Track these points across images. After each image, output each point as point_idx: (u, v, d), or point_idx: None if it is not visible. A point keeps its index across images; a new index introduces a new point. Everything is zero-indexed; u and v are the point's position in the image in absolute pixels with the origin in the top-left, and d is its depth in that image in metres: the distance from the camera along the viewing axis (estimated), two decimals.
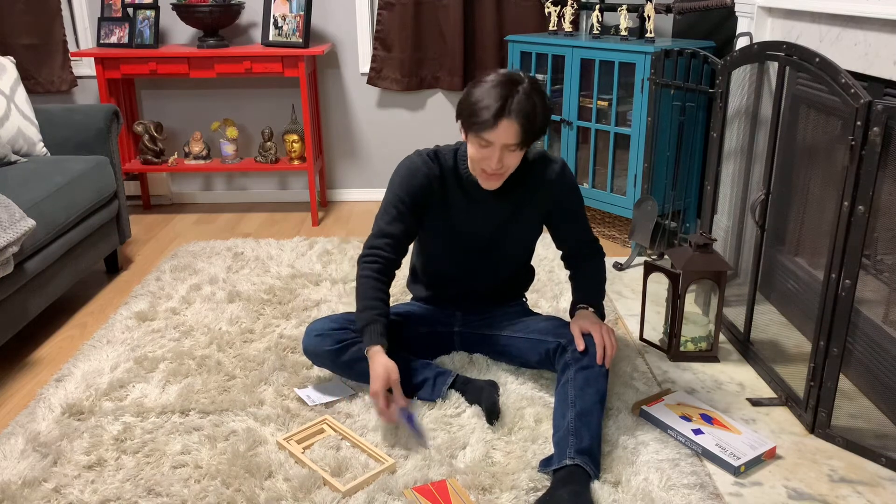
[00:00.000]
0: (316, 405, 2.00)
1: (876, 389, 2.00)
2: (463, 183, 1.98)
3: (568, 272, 2.15)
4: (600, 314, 2.01)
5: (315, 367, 2.17)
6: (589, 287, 2.06)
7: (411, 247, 2.12)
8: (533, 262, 2.27)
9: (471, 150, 1.84)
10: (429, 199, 1.98)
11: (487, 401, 1.93)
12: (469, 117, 1.78)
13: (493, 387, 2.00)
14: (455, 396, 2.00)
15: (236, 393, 2.07)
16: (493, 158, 1.80)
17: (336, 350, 1.99)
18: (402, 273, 2.38)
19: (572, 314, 2.01)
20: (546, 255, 3.06)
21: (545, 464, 1.73)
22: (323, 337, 2.00)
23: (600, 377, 1.85)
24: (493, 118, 1.73)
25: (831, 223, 1.80)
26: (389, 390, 1.83)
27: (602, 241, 3.35)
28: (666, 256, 2.94)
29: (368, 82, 3.74)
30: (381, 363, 1.82)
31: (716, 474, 1.75)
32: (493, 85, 1.76)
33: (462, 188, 1.99)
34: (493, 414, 1.91)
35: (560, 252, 2.15)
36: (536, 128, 1.79)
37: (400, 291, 2.72)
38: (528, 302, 2.29)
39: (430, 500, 1.63)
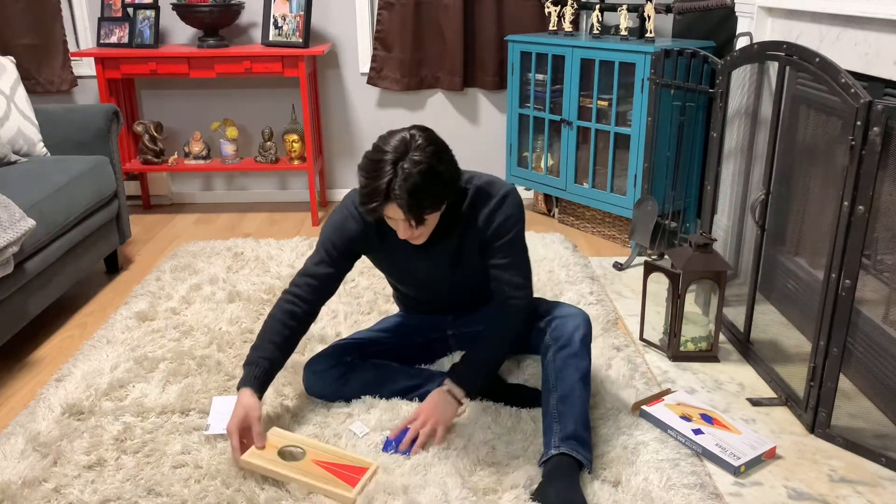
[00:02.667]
0: (365, 434, 1.89)
1: (876, 389, 2.00)
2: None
3: None
4: (465, 389, 1.85)
5: None
6: (473, 357, 1.89)
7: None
8: (533, 263, 2.26)
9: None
10: (366, 247, 1.92)
11: (521, 392, 1.97)
12: (360, 201, 1.70)
13: (500, 379, 2.04)
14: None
15: (236, 393, 2.06)
16: (399, 229, 1.74)
17: (337, 387, 1.99)
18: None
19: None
20: (546, 254, 3.06)
21: (541, 457, 1.74)
22: (321, 374, 1.99)
23: (579, 355, 1.82)
24: (378, 206, 1.66)
25: (831, 223, 1.80)
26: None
27: (602, 241, 3.35)
28: (666, 256, 2.94)
29: (368, 82, 3.74)
30: (241, 404, 1.77)
31: (716, 474, 1.75)
32: (379, 164, 1.65)
33: (397, 236, 1.85)
34: (537, 399, 1.93)
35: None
36: (425, 203, 1.66)
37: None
38: None
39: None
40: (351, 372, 1.99)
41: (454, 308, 2.12)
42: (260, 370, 1.82)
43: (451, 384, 1.86)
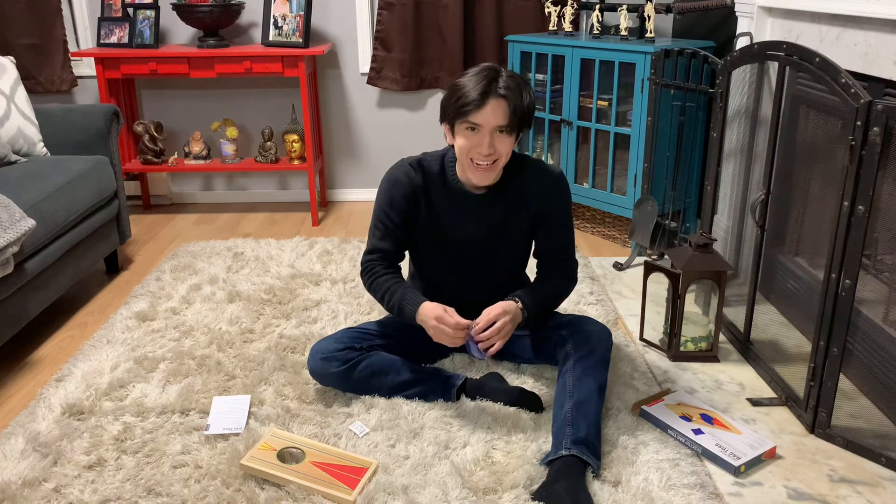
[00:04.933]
0: (365, 434, 1.90)
1: (876, 389, 2.00)
2: (450, 189, 1.97)
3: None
4: (525, 315, 1.93)
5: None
6: (534, 291, 1.98)
7: (407, 259, 2.12)
8: (532, 263, 2.26)
9: (460, 141, 1.84)
10: (414, 209, 1.98)
11: (522, 395, 1.97)
12: (455, 103, 1.80)
13: (502, 380, 2.04)
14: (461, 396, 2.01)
15: (236, 393, 2.07)
16: (483, 143, 1.80)
17: (344, 371, 1.97)
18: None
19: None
20: None
21: (546, 457, 1.74)
22: (329, 360, 1.97)
23: (599, 367, 1.86)
24: (479, 97, 1.76)
25: (831, 223, 1.80)
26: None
27: (602, 241, 3.36)
28: (666, 256, 2.94)
29: (368, 82, 3.74)
30: (428, 312, 1.86)
31: (716, 474, 1.75)
32: (475, 73, 1.81)
33: (449, 194, 1.98)
34: (537, 404, 1.95)
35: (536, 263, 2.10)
36: (524, 107, 1.80)
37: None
38: None
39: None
40: (360, 358, 1.98)
41: (470, 310, 2.07)
42: (410, 292, 1.93)
43: (519, 304, 1.92)
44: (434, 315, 1.84)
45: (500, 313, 1.86)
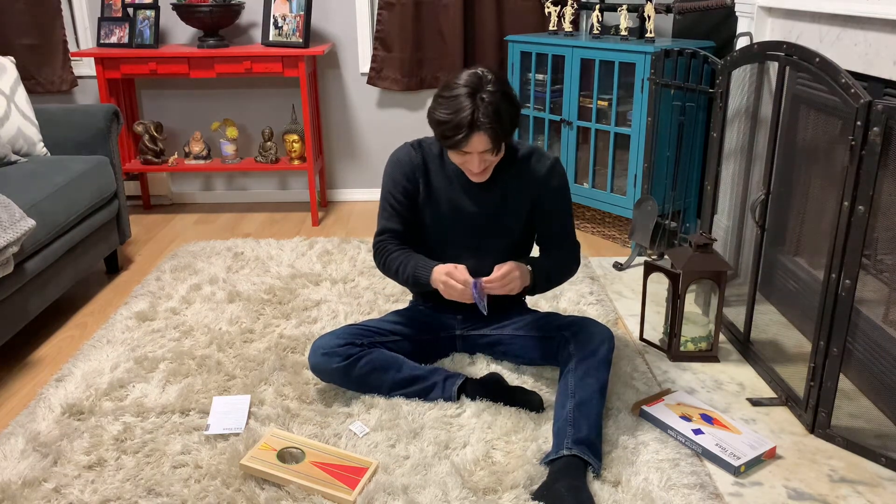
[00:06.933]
0: (365, 434, 1.90)
1: (876, 389, 2.00)
2: (448, 171, 2.02)
3: None
4: (533, 281, 1.98)
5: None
6: (539, 261, 2.03)
7: None
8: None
9: (450, 155, 1.89)
10: (415, 187, 2.02)
11: (522, 395, 1.98)
12: (441, 138, 1.82)
13: (502, 380, 2.04)
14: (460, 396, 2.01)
15: (236, 393, 2.07)
16: (474, 163, 1.85)
17: (345, 366, 1.96)
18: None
19: None
20: None
21: (547, 456, 1.74)
22: (330, 355, 1.96)
23: (601, 368, 1.87)
24: (463, 138, 1.77)
25: (831, 223, 1.80)
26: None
27: (602, 241, 3.36)
28: (666, 256, 2.94)
29: (368, 82, 3.74)
30: (440, 271, 1.90)
31: (716, 474, 1.75)
32: (458, 99, 1.77)
33: (447, 176, 2.02)
34: (537, 404, 1.96)
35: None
36: (507, 129, 1.81)
37: (401, 291, 2.73)
38: (526, 302, 2.29)
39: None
40: (361, 354, 1.98)
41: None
42: (423, 260, 1.98)
43: (528, 267, 1.97)
44: (445, 271, 1.89)
45: (512, 266, 1.90)
